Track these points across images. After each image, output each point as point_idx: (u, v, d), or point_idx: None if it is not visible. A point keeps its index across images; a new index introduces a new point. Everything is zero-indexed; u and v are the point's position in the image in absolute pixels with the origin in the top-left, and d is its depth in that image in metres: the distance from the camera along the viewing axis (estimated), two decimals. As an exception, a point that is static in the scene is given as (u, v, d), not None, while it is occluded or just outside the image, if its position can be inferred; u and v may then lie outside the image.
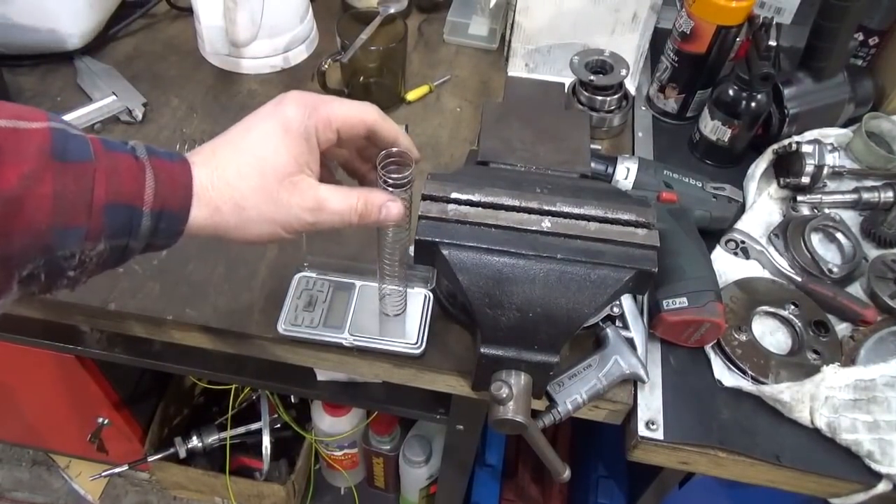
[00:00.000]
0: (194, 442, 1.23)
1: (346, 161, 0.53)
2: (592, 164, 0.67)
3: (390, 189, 0.47)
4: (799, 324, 0.67)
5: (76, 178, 0.36)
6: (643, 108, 0.92)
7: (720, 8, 0.77)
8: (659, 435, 0.61)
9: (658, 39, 0.89)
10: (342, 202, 0.45)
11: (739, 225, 0.75)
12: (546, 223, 0.51)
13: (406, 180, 0.47)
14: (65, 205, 0.35)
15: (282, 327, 0.64)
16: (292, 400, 1.27)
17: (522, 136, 0.63)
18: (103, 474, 1.27)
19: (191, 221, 0.41)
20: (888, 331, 0.66)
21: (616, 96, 0.85)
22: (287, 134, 0.42)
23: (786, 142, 0.79)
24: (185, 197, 0.40)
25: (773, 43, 0.77)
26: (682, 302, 0.62)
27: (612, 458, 1.04)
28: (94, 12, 0.91)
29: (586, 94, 0.85)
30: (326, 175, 0.49)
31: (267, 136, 0.42)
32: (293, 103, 0.44)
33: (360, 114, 0.44)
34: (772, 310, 0.68)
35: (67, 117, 0.81)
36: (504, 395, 0.53)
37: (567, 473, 0.60)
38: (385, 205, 0.46)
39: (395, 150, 0.48)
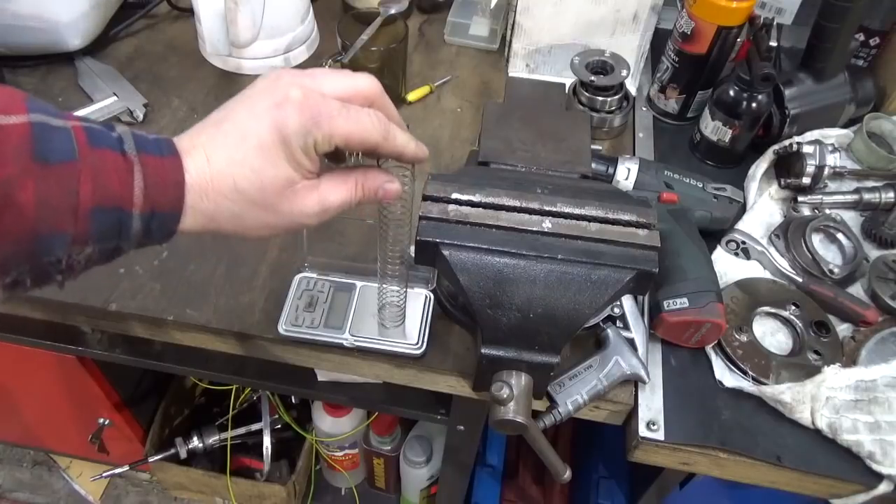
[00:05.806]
0: (195, 442, 1.22)
1: None
2: (593, 165, 0.67)
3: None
4: (800, 324, 0.67)
5: (60, 181, 0.33)
6: (644, 108, 0.92)
7: (721, 8, 0.77)
8: (660, 435, 0.60)
9: (659, 40, 0.89)
10: (342, 194, 0.44)
11: (740, 225, 0.75)
12: (547, 224, 0.51)
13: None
14: (48, 211, 0.33)
15: (282, 328, 0.64)
16: (293, 400, 1.27)
17: (523, 137, 0.63)
18: (104, 475, 1.27)
19: (184, 227, 0.40)
20: (889, 331, 0.66)
21: (617, 97, 0.85)
22: (286, 146, 0.40)
23: (787, 142, 0.79)
24: (176, 198, 0.38)
25: (773, 43, 0.77)
26: (682, 302, 0.62)
27: (613, 459, 1.04)
28: (95, 13, 0.91)
29: (587, 94, 0.85)
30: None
31: (265, 148, 0.40)
32: (295, 110, 0.40)
33: (361, 135, 0.42)
34: (773, 310, 0.68)
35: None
36: (505, 396, 0.53)
37: (568, 474, 0.60)
38: (382, 187, 0.46)
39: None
